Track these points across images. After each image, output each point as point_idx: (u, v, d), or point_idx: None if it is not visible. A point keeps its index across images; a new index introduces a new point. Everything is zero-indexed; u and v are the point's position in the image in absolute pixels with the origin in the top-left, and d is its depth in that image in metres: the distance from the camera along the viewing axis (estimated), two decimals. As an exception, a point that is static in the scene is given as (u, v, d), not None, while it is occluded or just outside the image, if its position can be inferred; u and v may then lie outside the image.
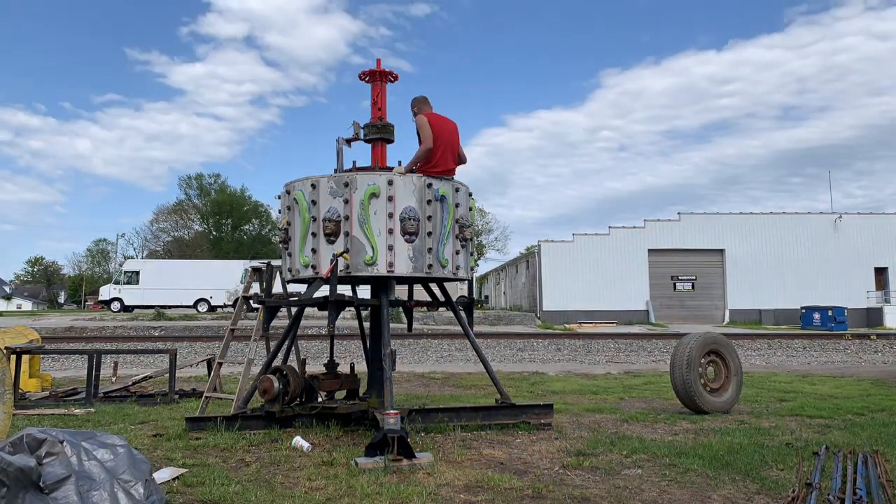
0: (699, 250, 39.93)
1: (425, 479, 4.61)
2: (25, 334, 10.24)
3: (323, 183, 6.25)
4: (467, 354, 16.64)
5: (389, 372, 6.05)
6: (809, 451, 5.42)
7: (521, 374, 13.02)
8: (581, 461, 5.18)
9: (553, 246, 40.18)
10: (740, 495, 4.31)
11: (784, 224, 40.22)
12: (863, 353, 18.07)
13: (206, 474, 4.73)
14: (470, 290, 7.53)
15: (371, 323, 7.18)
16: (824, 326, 32.36)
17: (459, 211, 6.59)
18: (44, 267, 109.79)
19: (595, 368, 14.47)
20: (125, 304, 39.06)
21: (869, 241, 39.97)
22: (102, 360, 10.26)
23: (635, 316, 37.99)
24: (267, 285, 7.14)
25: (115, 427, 6.81)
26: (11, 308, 79.34)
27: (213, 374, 7.86)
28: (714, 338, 8.15)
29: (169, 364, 9.11)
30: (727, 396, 7.90)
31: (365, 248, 6.08)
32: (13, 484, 3.04)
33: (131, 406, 8.45)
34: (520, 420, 6.64)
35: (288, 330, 7.14)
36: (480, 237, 70.48)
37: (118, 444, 3.54)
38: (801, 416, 7.61)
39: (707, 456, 5.31)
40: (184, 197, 74.97)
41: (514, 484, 4.52)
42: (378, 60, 7.10)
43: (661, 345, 19.01)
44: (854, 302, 37.64)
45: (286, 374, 6.36)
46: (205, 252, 64.79)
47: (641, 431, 6.58)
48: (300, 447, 5.61)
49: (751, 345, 19.12)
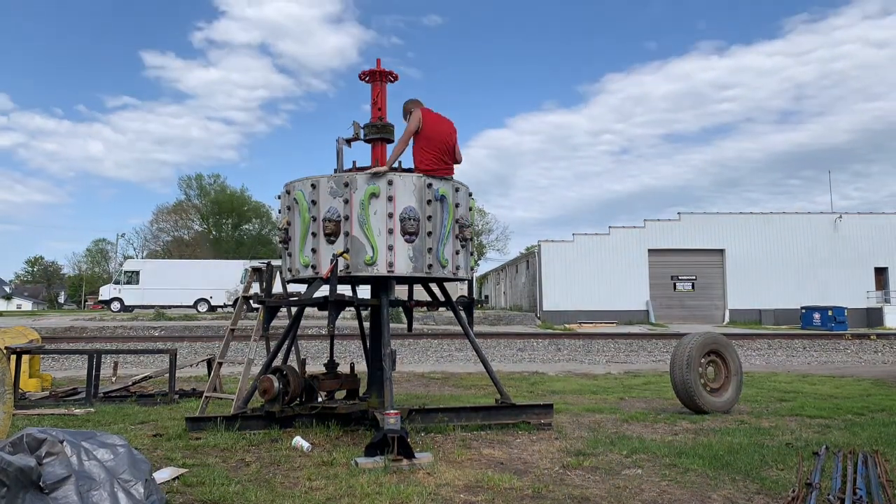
0: (699, 250, 39.93)
1: (425, 479, 4.61)
2: (25, 334, 10.24)
3: (323, 183, 6.25)
4: (467, 354, 16.64)
5: (389, 372, 6.05)
6: (809, 451, 5.42)
7: (521, 373, 13.03)
8: (581, 461, 5.18)
9: (553, 246, 40.17)
10: (740, 495, 4.31)
11: (784, 224, 40.20)
12: (863, 353, 18.08)
13: (206, 474, 4.73)
14: (470, 290, 7.53)
15: (371, 323, 7.18)
16: (824, 326, 32.35)
17: (459, 211, 6.59)
18: (44, 267, 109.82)
19: (595, 368, 14.47)
20: (125, 304, 39.06)
21: (869, 241, 39.95)
22: (102, 360, 10.26)
23: (635, 316, 37.98)
24: (267, 285, 7.14)
25: (115, 427, 6.81)
26: (11, 308, 79.32)
27: (213, 374, 7.86)
28: (714, 338, 8.15)
29: (169, 364, 9.11)
30: (727, 396, 7.90)
31: (365, 248, 6.08)
32: (13, 484, 3.03)
33: (131, 406, 8.45)
34: (520, 420, 6.64)
35: (288, 330, 7.14)
36: (480, 237, 70.49)
37: (118, 444, 3.54)
38: (801, 416, 7.61)
39: (707, 456, 5.31)
40: (183, 197, 75.01)
41: (514, 484, 4.52)
42: (378, 60, 7.10)
43: (661, 345, 19.01)
44: (854, 302, 37.62)
45: (286, 374, 6.36)
46: (205, 252, 64.75)
47: (641, 431, 6.58)
48: (300, 447, 5.61)
49: (751, 345, 19.12)
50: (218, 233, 72.69)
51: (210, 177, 75.79)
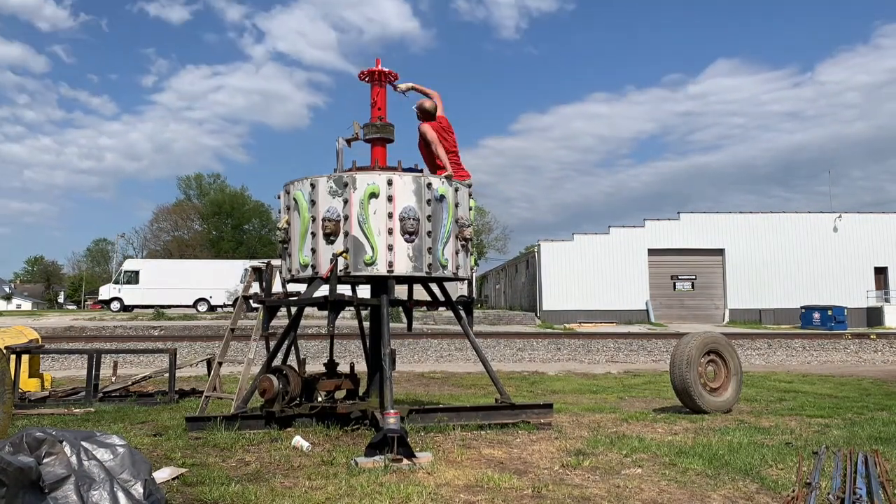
0: (699, 250, 39.92)
1: (425, 479, 4.61)
2: (25, 334, 10.22)
3: (322, 183, 6.25)
4: (467, 354, 16.64)
5: (389, 371, 6.04)
6: (809, 451, 5.42)
7: (520, 373, 13.03)
8: (581, 460, 5.18)
9: (553, 245, 40.17)
10: (740, 495, 4.31)
11: (784, 224, 40.20)
12: (862, 352, 18.07)
13: (206, 474, 4.73)
14: (470, 289, 7.53)
15: (371, 323, 7.18)
16: (824, 326, 32.35)
17: (459, 211, 6.59)
18: (43, 266, 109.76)
19: (595, 368, 14.47)
20: (125, 304, 39.05)
21: (869, 241, 39.95)
22: (102, 359, 10.24)
23: (635, 315, 37.97)
24: (267, 285, 7.13)
25: (114, 427, 6.81)
26: (11, 308, 79.29)
27: (212, 373, 7.85)
28: (714, 337, 8.14)
29: (169, 364, 9.10)
30: (727, 396, 7.90)
31: (364, 247, 6.08)
32: (13, 483, 3.03)
33: (131, 406, 8.44)
34: (519, 419, 6.63)
35: (288, 329, 7.13)
36: (480, 237, 70.47)
37: (118, 444, 3.54)
38: (800, 415, 7.61)
39: (707, 455, 5.30)
40: (183, 197, 75.00)
41: (513, 483, 4.52)
42: (378, 60, 7.10)
43: (661, 344, 19.01)
44: (854, 301, 37.64)
45: (286, 373, 6.36)
46: (204, 252, 64.75)
47: (641, 431, 6.58)
48: (300, 447, 5.60)
49: (750, 344, 19.11)
50: (218, 233, 72.68)
51: (210, 176, 75.93)
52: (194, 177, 76.91)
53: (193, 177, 77.03)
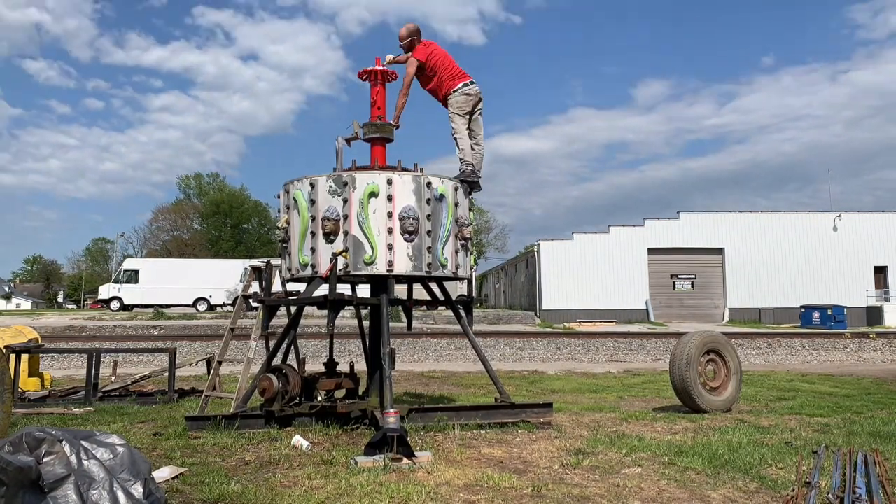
0: (699, 249, 39.94)
1: (425, 478, 4.61)
2: (24, 333, 10.22)
3: (322, 182, 6.24)
4: (467, 353, 16.64)
5: (389, 371, 6.04)
6: (809, 450, 5.42)
7: (520, 372, 13.03)
8: (580, 460, 5.18)
9: (553, 245, 40.19)
10: (739, 494, 4.31)
11: (784, 223, 40.21)
12: (862, 351, 18.08)
13: (206, 473, 4.73)
14: (469, 289, 7.53)
15: (370, 322, 7.18)
16: (824, 325, 32.37)
17: (459, 210, 6.58)
18: (43, 266, 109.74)
19: (594, 367, 14.47)
20: (124, 304, 39.03)
21: (868, 240, 39.97)
22: (102, 359, 10.24)
23: (635, 315, 37.98)
24: (266, 284, 7.13)
25: (114, 426, 6.81)
26: (10, 307, 79.27)
27: (212, 373, 7.85)
28: (713, 337, 8.14)
29: (168, 363, 9.10)
30: (726, 395, 7.90)
31: (364, 247, 6.08)
32: (12, 483, 3.03)
33: (131, 405, 8.44)
34: (519, 419, 6.63)
35: (287, 329, 7.13)
36: (480, 236, 70.47)
37: (117, 444, 3.53)
38: (800, 414, 7.61)
39: (706, 455, 5.30)
40: (182, 196, 74.99)
41: (513, 483, 4.52)
42: (377, 59, 7.09)
43: (661, 344, 19.01)
44: (853, 301, 37.67)
45: (286, 373, 6.36)
46: (204, 251, 64.73)
47: (641, 430, 6.58)
48: (300, 446, 5.60)
49: (750, 344, 19.12)
50: (217, 232, 72.67)
51: (209, 176, 75.88)
52: (193, 176, 76.93)
53: (193, 176, 77.04)
